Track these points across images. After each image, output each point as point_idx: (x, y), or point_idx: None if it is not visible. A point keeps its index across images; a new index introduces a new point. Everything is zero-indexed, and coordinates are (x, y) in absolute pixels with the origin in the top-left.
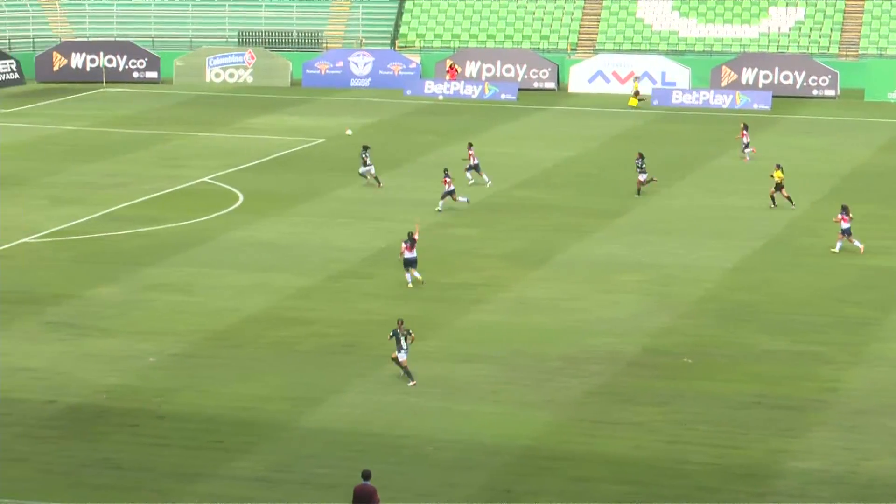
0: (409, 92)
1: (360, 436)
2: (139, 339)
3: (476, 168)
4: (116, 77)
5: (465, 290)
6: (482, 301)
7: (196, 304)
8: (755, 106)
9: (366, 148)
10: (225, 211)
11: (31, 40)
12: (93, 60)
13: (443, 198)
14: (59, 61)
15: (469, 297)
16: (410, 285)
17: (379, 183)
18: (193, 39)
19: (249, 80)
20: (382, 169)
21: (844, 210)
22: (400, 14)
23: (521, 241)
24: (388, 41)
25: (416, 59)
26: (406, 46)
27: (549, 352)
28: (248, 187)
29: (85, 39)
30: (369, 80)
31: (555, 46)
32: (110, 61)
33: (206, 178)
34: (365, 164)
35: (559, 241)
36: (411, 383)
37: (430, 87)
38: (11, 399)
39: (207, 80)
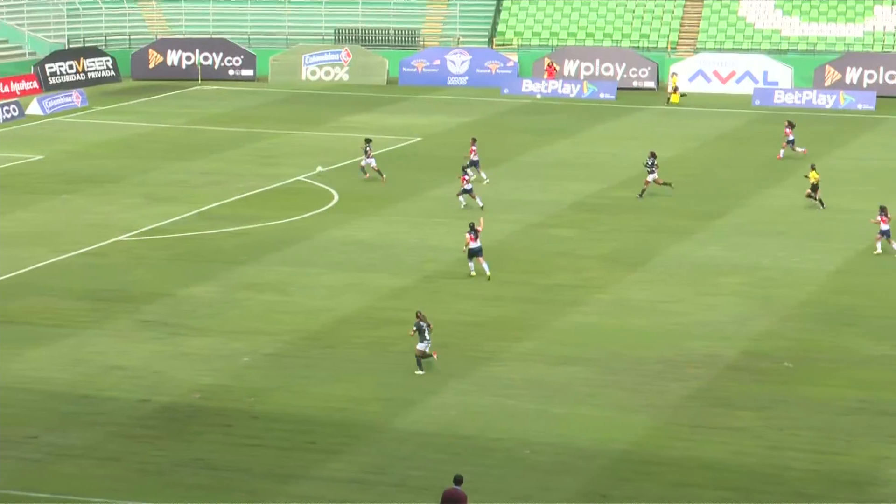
0: (506, 91)
1: (454, 438)
2: (233, 339)
3: (475, 165)
4: (212, 75)
5: (563, 292)
6: (580, 302)
7: (290, 304)
8: (859, 106)
9: (368, 140)
10: (320, 210)
11: (127, 38)
12: (188, 58)
13: (459, 195)
14: (154, 59)
15: (566, 299)
16: (473, 273)
17: (382, 176)
18: (289, 37)
19: (345, 78)
20: (480, 168)
21: (883, 211)
22: (498, 12)
23: (619, 242)
24: (486, 39)
25: (514, 57)
26: (504, 45)
27: (648, 355)
28: (344, 186)
29: (181, 37)
30: (466, 78)
31: (655, 45)
32: (206, 59)
33: (301, 177)
34: (367, 157)
35: (658, 243)
36: (419, 371)
37: (528, 85)
38: (105, 398)
39: (303, 77)
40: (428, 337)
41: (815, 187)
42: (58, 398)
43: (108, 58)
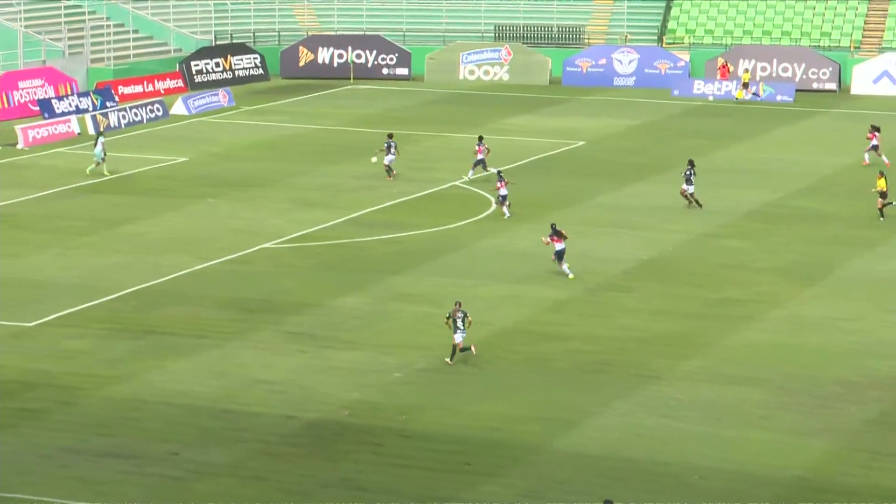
0: (676, 92)
1: (617, 461)
2: (384, 353)
3: (482, 164)
4: (365, 73)
5: (735, 307)
6: (753, 318)
7: (445, 317)
8: None
9: (390, 136)
10: (477, 217)
11: (276, 34)
12: (340, 56)
13: (500, 204)
14: (305, 56)
15: (739, 314)
16: (571, 276)
17: (390, 174)
18: (447, 34)
19: (505, 77)
20: (647, 174)
21: None
22: (668, 9)
23: (796, 255)
24: (655, 37)
25: (685, 56)
26: (674, 43)
27: (826, 375)
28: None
29: (333, 33)
30: (634, 78)
31: (836, 44)
32: (359, 56)
33: (457, 182)
34: (389, 153)
35: (839, 255)
36: (448, 360)
37: (700, 86)
38: (249, 413)
39: (461, 77)
40: (461, 326)
41: (883, 194)
42: (199, 413)
43: (257, 55)
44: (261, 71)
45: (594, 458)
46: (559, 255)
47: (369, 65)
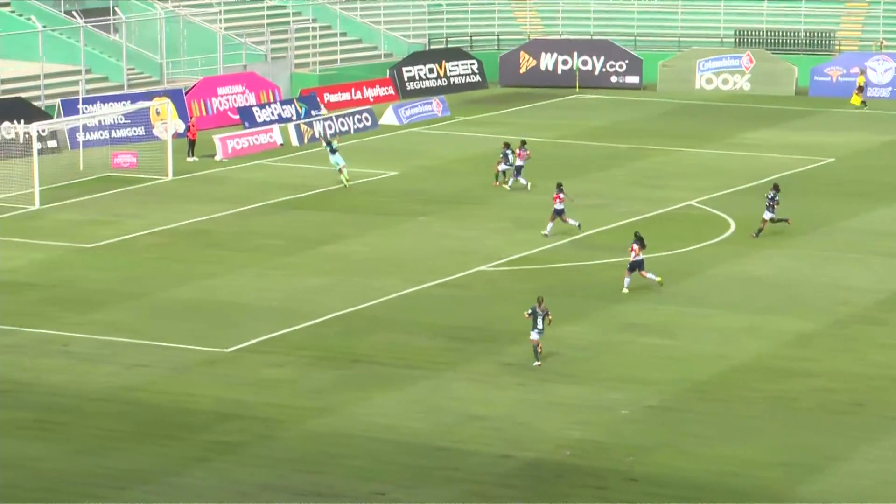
0: None
1: None
2: (610, 388)
3: (517, 171)
4: (591, 81)
5: None
6: None
7: (677, 349)
8: None
9: (507, 145)
10: (714, 240)
11: (495, 38)
12: (565, 62)
13: (552, 219)
14: (526, 62)
15: None
16: (626, 290)
17: (497, 180)
18: (682, 39)
19: (746, 87)
20: None
21: None
22: None
23: None
24: None
25: None
26: None
27: None
28: (742, 213)
29: (557, 38)
30: (890, 89)
31: None
32: (585, 63)
33: (692, 202)
34: (506, 162)
35: None
36: (536, 363)
37: None
38: (462, 451)
39: (697, 86)
40: (541, 326)
41: None
42: (408, 450)
43: (474, 61)
44: (478, 78)
45: None
46: (634, 266)
47: (596, 72)
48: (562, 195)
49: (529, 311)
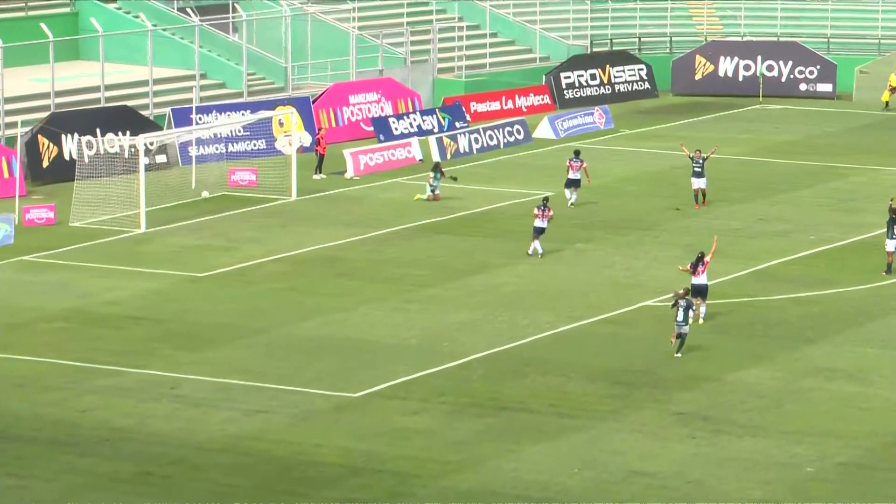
0: None
1: None
2: (794, 441)
3: (574, 185)
4: (777, 89)
5: None
6: None
7: (874, 397)
8: None
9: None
10: None
11: (667, 39)
12: (747, 67)
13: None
14: (702, 68)
15: None
16: (701, 320)
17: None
18: (883, 41)
19: None
20: None
21: None
22: None
23: None
24: None
25: None
26: None
27: None
28: None
29: (738, 39)
30: None
31: None
32: (770, 68)
33: None
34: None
35: None
36: (677, 355)
37: None
38: None
39: None
40: (682, 319)
41: None
42: None
43: (643, 65)
44: (647, 85)
45: None
46: (696, 291)
47: (783, 79)
48: (546, 211)
49: (673, 303)
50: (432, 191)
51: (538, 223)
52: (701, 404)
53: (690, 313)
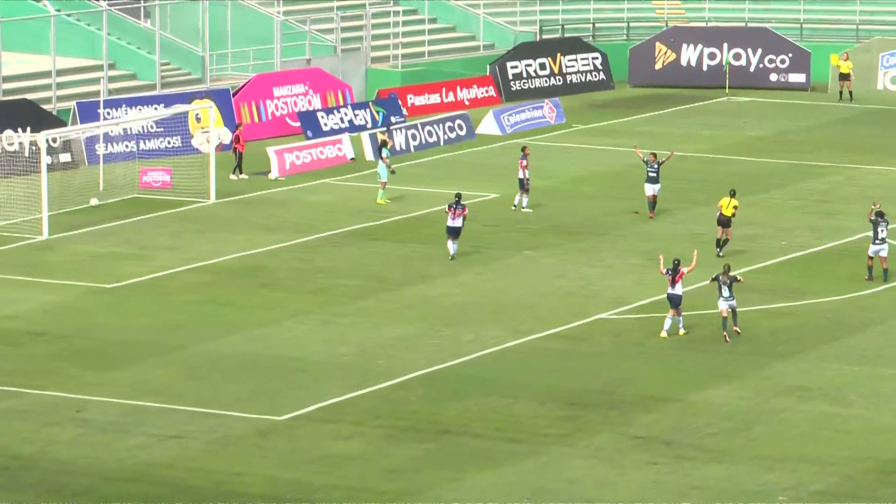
0: None
1: None
2: (765, 468)
3: (521, 186)
4: (745, 80)
5: None
6: None
7: (852, 419)
8: None
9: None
10: None
11: (624, 25)
12: (712, 55)
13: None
14: (663, 56)
15: None
16: (683, 331)
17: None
18: (861, 26)
19: None
20: None
21: None
22: None
23: None
24: None
25: None
26: None
27: None
28: None
29: (702, 25)
30: None
31: None
32: (737, 57)
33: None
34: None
35: None
36: (730, 332)
37: None
38: None
39: (879, 86)
40: (726, 294)
41: None
42: None
43: (597, 54)
44: (602, 76)
45: None
46: (674, 303)
47: (752, 68)
48: (459, 210)
49: (713, 278)
50: (391, 171)
51: (450, 222)
52: (662, 427)
53: (725, 291)
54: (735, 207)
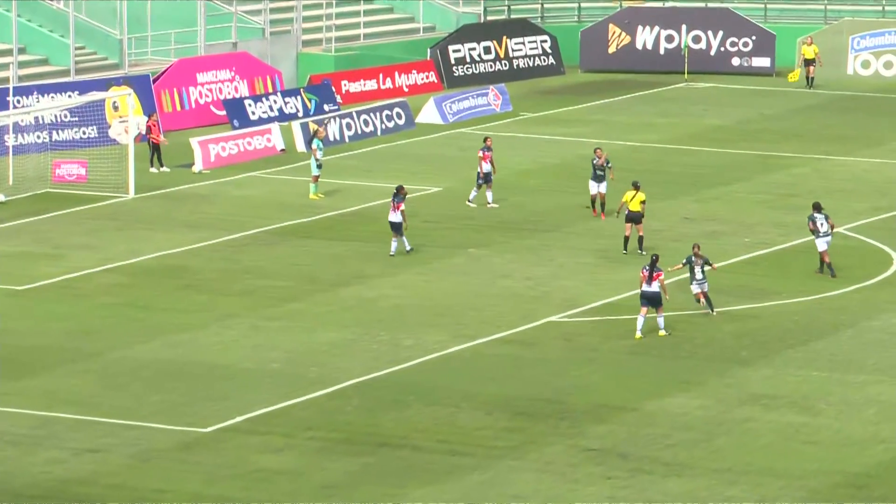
0: None
1: None
2: (727, 482)
3: (485, 180)
4: (706, 64)
5: None
6: None
7: (821, 429)
8: None
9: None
10: (871, 281)
11: (575, 5)
12: (669, 38)
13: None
14: (617, 39)
15: None
16: (662, 333)
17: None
18: (829, 7)
19: None
20: None
21: None
22: None
23: None
24: None
25: None
26: None
27: None
28: None
29: (659, 5)
30: None
31: None
32: (697, 40)
33: (841, 228)
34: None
35: None
36: (713, 312)
37: None
38: None
39: (849, 71)
40: (699, 276)
41: None
42: None
43: (546, 37)
44: (551, 60)
45: None
46: (650, 301)
47: (713, 52)
48: (397, 203)
49: (685, 261)
50: (318, 165)
51: (391, 217)
52: (617, 439)
53: (699, 273)
54: (643, 202)
